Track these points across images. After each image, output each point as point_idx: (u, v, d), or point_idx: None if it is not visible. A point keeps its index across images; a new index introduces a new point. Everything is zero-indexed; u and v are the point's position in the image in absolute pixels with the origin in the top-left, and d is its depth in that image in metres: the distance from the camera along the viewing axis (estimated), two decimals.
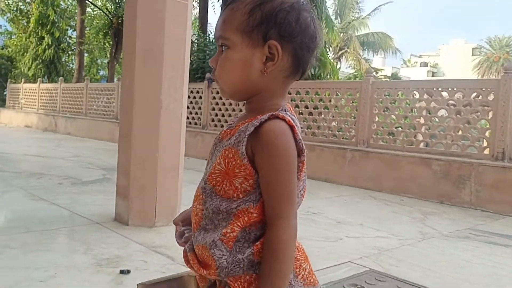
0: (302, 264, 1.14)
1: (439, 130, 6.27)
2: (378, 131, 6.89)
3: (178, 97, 4.05)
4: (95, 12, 21.54)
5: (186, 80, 4.15)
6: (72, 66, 22.75)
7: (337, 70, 15.02)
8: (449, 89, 6.18)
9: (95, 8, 21.04)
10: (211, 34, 13.41)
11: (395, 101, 6.78)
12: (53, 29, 20.22)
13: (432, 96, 6.33)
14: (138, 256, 3.18)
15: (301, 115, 7.83)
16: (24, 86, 17.60)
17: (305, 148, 1.08)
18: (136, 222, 3.90)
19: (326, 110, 7.59)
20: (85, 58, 22.85)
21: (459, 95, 6.09)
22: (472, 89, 5.96)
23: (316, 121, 7.67)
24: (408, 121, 6.70)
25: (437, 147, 6.24)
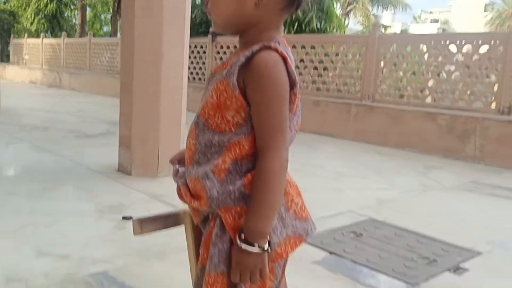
0: (294, 199, 1.14)
1: (446, 85, 6.17)
2: (384, 86, 6.80)
3: (179, 48, 3.99)
4: None
5: (187, 31, 4.07)
6: (75, 21, 22.45)
7: (344, 25, 14.69)
8: (458, 43, 6.03)
9: None
10: None
11: (402, 55, 6.65)
12: None
13: (440, 50, 6.20)
14: (140, 204, 3.23)
15: (306, 70, 7.72)
16: (28, 41, 17.41)
17: (297, 81, 1.06)
18: (139, 172, 3.93)
19: (331, 65, 7.47)
20: (88, 14, 22.49)
21: (467, 49, 5.95)
22: (480, 42, 5.81)
23: (321, 76, 7.56)
24: (415, 76, 6.59)
25: (444, 102, 6.16)
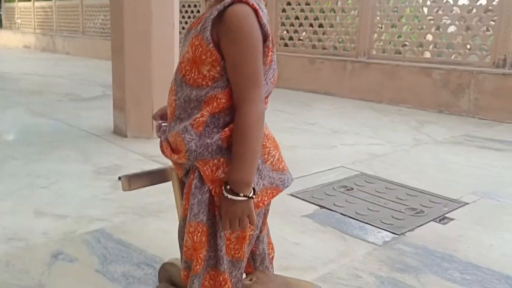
0: (271, 151, 1.18)
1: (442, 38, 6.11)
2: (379, 42, 6.73)
3: (169, 6, 3.94)
4: None
5: None
6: None
7: None
8: None
9: None
10: None
11: (396, 8, 6.55)
12: None
13: (437, 3, 6.10)
14: (136, 165, 3.29)
15: (301, 27, 7.63)
16: (19, 5, 17.07)
17: (270, 33, 1.08)
18: (134, 133, 3.98)
19: (327, 21, 7.36)
20: None
21: (463, 0, 5.86)
22: None
23: (316, 33, 7.48)
24: (410, 30, 6.51)
25: (439, 56, 6.12)
